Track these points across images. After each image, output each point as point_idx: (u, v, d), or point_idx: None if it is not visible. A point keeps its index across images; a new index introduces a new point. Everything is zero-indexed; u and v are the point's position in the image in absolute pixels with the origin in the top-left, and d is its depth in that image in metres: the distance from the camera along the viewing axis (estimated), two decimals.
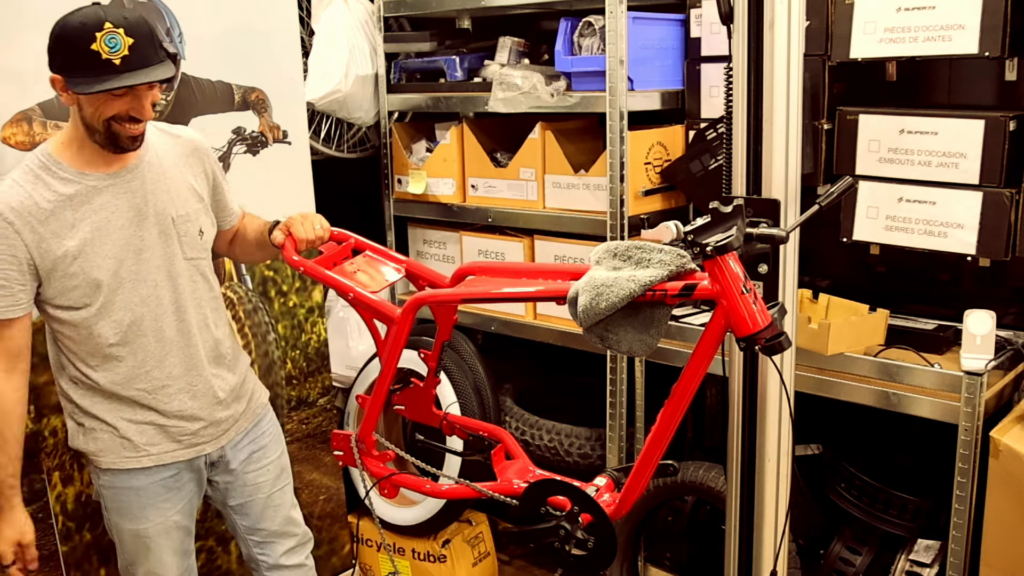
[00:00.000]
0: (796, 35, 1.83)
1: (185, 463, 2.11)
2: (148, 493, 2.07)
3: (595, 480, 1.92)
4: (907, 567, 2.43)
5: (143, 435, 2.04)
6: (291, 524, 2.33)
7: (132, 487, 2.05)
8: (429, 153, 3.22)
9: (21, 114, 2.26)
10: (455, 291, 1.96)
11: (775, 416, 1.97)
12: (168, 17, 2.50)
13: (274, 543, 2.30)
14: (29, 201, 1.86)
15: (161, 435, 2.06)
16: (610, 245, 1.72)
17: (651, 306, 1.65)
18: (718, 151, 2.60)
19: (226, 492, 2.23)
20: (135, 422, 2.03)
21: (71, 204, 1.90)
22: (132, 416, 2.03)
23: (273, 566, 2.31)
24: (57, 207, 1.88)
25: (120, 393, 2.01)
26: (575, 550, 1.81)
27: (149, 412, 2.04)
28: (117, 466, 2.04)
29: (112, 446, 2.03)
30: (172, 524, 2.11)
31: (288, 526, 2.32)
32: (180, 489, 2.12)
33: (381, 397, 2.13)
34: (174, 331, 2.04)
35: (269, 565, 2.31)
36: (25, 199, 1.86)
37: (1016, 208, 2.20)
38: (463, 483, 2.06)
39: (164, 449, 2.06)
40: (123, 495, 2.06)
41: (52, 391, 2.37)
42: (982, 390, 2.15)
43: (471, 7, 3.00)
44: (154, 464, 2.06)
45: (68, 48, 1.77)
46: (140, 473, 2.05)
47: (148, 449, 2.05)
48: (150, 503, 2.07)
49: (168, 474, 2.08)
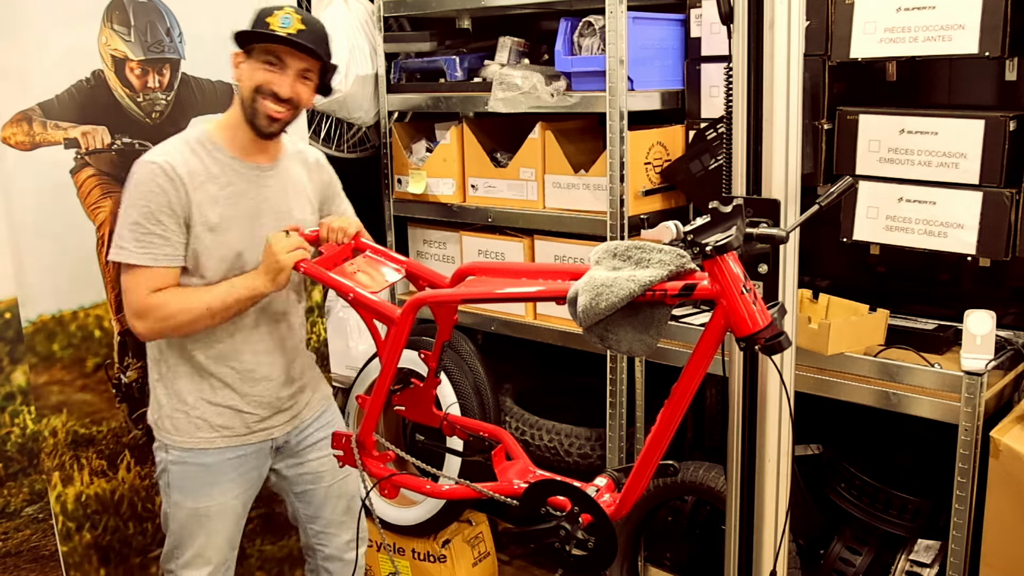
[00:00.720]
0: (796, 35, 1.83)
1: (253, 448, 2.21)
2: (216, 471, 2.16)
3: (595, 480, 1.92)
4: (907, 567, 2.43)
5: (220, 417, 2.16)
6: (350, 516, 2.41)
7: (202, 463, 2.15)
8: (429, 153, 3.22)
9: (21, 114, 2.26)
10: (455, 291, 1.96)
11: (775, 416, 1.97)
12: (168, 17, 2.50)
13: (332, 534, 2.40)
14: (184, 165, 2.03)
15: (237, 419, 2.17)
16: (610, 245, 1.71)
17: (651, 306, 1.64)
18: (718, 151, 2.60)
19: (290, 479, 2.33)
20: (214, 404, 2.15)
21: (218, 182, 2.07)
22: (212, 398, 2.15)
23: (328, 556, 2.41)
24: (207, 181, 2.05)
25: (211, 370, 2.14)
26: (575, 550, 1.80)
27: (231, 395, 2.16)
28: (189, 445, 2.15)
29: (188, 427, 2.15)
30: (231, 507, 2.20)
31: (347, 517, 2.40)
32: (245, 474, 2.22)
33: (381, 397, 2.12)
34: (270, 319, 2.20)
35: (325, 555, 2.41)
36: (182, 163, 2.03)
37: (1016, 208, 2.20)
38: (463, 483, 2.06)
39: (237, 433, 2.18)
40: (191, 471, 2.16)
41: (52, 391, 2.38)
42: (982, 390, 2.15)
43: (471, 7, 3.00)
44: (226, 446, 2.17)
45: (255, 20, 2.00)
46: (210, 451, 2.16)
47: (222, 431, 2.16)
48: (216, 481, 2.17)
49: (236, 455, 2.19)
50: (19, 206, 2.26)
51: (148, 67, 2.47)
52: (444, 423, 2.27)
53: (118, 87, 2.43)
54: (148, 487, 2.60)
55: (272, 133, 2.09)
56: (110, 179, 2.43)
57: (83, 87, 2.37)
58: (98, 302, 2.45)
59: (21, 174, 2.26)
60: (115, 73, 2.42)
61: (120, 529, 2.54)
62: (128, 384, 2.55)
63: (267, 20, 1.98)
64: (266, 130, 2.07)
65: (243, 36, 2.02)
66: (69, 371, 2.42)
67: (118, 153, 2.44)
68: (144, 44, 2.45)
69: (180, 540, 2.19)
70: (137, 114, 2.47)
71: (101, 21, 2.38)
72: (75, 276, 2.39)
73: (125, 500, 2.55)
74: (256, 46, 2.02)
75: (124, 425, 2.54)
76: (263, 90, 2.02)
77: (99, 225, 2.42)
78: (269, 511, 2.83)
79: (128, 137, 2.46)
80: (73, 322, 2.41)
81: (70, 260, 2.37)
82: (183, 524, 2.18)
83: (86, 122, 2.37)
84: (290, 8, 2.00)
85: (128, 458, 2.55)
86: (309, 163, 2.30)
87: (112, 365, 2.51)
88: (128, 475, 2.55)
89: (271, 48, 2.01)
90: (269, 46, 2.00)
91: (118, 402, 2.53)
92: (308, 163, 2.29)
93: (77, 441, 2.44)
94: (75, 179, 2.37)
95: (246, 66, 2.04)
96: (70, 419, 2.42)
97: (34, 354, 2.33)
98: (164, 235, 2.02)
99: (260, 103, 2.03)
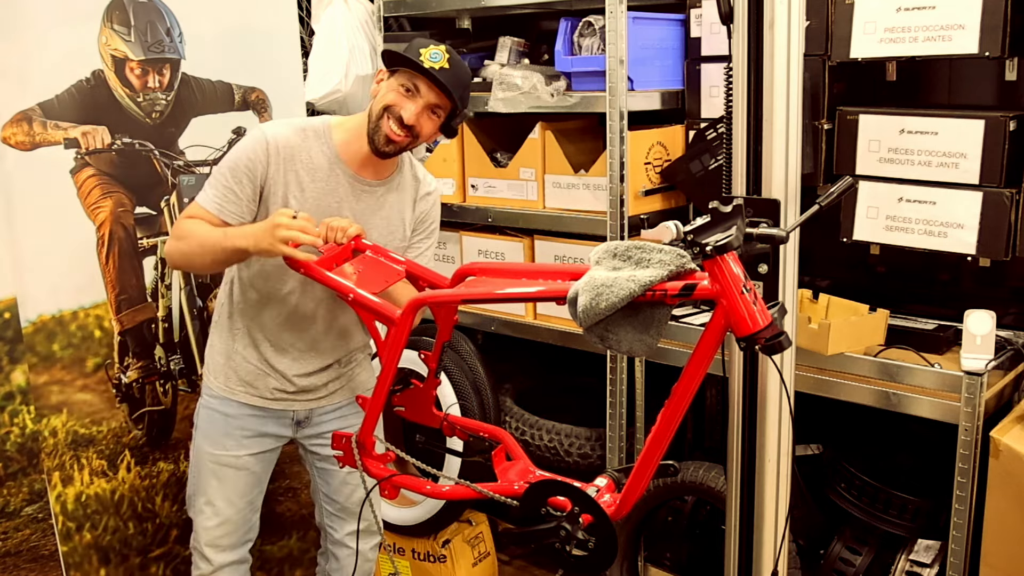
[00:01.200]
0: (796, 35, 1.83)
1: (273, 416, 2.28)
2: (233, 423, 2.26)
3: (596, 481, 1.92)
4: (907, 567, 2.43)
5: (249, 375, 2.25)
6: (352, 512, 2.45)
7: (224, 412, 2.27)
8: (429, 153, 3.22)
9: (21, 114, 2.26)
10: (455, 291, 1.96)
11: (775, 416, 1.97)
12: (168, 17, 2.50)
13: (342, 519, 2.47)
14: (288, 146, 2.11)
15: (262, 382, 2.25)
16: (610, 245, 1.71)
17: (651, 306, 1.64)
18: (718, 151, 2.60)
19: (315, 453, 2.40)
20: (248, 361, 2.25)
21: (315, 175, 2.13)
22: (246, 355, 2.25)
23: (337, 541, 2.49)
24: (303, 169, 2.12)
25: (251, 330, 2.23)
26: (576, 551, 1.80)
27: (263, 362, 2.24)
28: (215, 391, 2.27)
29: (219, 372, 2.27)
30: (243, 464, 2.28)
31: (351, 514, 2.45)
32: (260, 439, 2.29)
33: (381, 398, 2.12)
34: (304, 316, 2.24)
35: (334, 539, 2.49)
36: (287, 142, 2.11)
37: (1016, 208, 2.20)
38: (463, 484, 2.06)
39: (260, 394, 2.26)
40: (215, 417, 2.27)
41: (52, 391, 2.38)
42: (982, 390, 2.15)
43: (471, 7, 3.00)
44: (246, 402, 2.26)
45: (405, 51, 2.06)
46: (234, 403, 2.26)
47: (247, 388, 2.25)
48: (231, 433, 2.26)
49: (255, 414, 2.27)
50: (19, 206, 2.26)
51: (148, 67, 2.47)
52: (444, 423, 2.27)
53: (118, 87, 2.43)
54: (148, 487, 2.60)
55: (387, 153, 2.12)
56: (110, 179, 2.43)
57: (83, 87, 2.37)
58: (98, 302, 2.45)
59: (21, 174, 2.26)
60: (115, 73, 2.42)
61: (120, 529, 2.54)
62: (128, 384, 2.55)
63: (420, 51, 2.04)
64: (382, 149, 2.11)
65: (392, 57, 2.09)
66: (69, 371, 2.42)
67: (118, 153, 2.44)
68: (144, 44, 2.45)
69: (196, 486, 2.31)
70: (137, 114, 2.47)
71: (101, 21, 2.38)
72: (75, 276, 2.39)
73: (125, 500, 2.55)
74: (401, 70, 2.08)
75: (124, 425, 2.54)
76: (391, 111, 2.07)
77: (99, 225, 2.42)
78: (269, 511, 2.83)
79: (128, 137, 2.46)
80: (73, 322, 2.41)
81: (70, 260, 2.37)
82: (200, 469, 2.30)
83: (86, 122, 2.38)
84: (445, 48, 2.06)
85: (128, 458, 2.55)
86: (420, 191, 2.30)
87: (112, 365, 2.51)
88: (128, 475, 2.55)
89: (412, 75, 2.06)
90: (411, 72, 2.06)
91: (118, 402, 2.53)
92: (419, 191, 2.30)
93: (77, 441, 2.44)
94: (75, 179, 2.37)
95: (385, 85, 2.10)
96: (70, 419, 2.42)
97: (34, 354, 2.33)
98: (239, 193, 2.09)
99: (384, 122, 2.08)
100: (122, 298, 2.50)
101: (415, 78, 2.06)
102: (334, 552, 2.50)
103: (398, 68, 2.08)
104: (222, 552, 2.31)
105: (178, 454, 2.64)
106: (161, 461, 2.63)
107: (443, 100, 2.08)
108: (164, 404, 2.63)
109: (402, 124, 2.07)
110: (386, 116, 2.07)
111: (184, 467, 2.61)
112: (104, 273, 2.44)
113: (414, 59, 2.03)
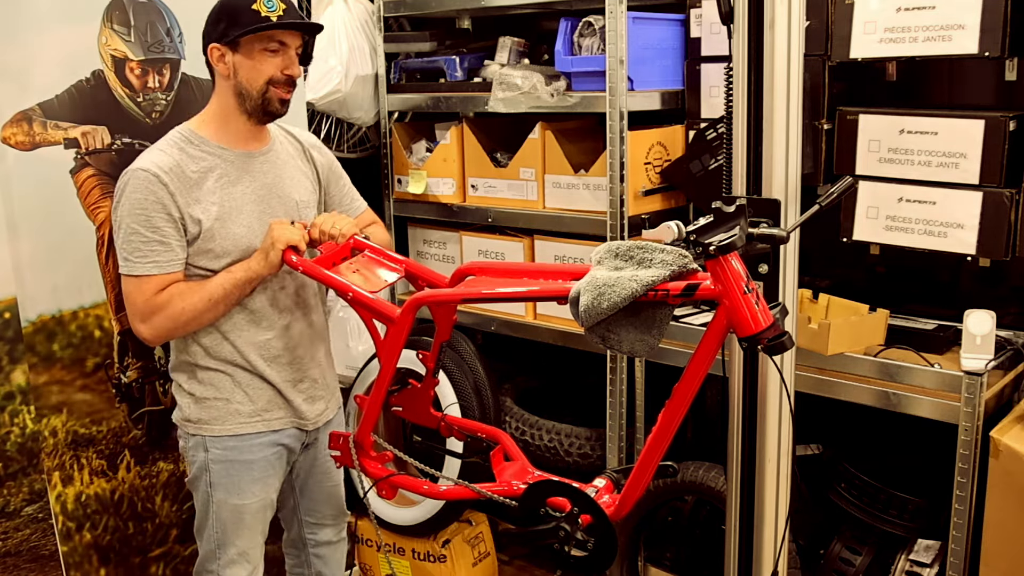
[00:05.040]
0: (796, 35, 1.83)
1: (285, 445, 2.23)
2: (258, 468, 2.18)
3: (595, 481, 1.92)
4: (907, 567, 2.43)
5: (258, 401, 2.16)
6: (342, 512, 2.52)
7: (245, 460, 2.16)
8: (429, 153, 3.22)
9: (21, 114, 2.25)
10: (455, 291, 1.96)
11: (775, 416, 1.97)
12: (168, 17, 2.50)
13: (326, 526, 2.47)
14: (178, 168, 2.02)
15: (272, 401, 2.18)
16: (611, 245, 1.71)
17: (653, 306, 1.64)
18: (718, 151, 2.60)
19: (302, 473, 2.36)
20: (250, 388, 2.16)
21: (212, 175, 2.06)
22: (247, 380, 2.15)
23: (320, 543, 2.48)
24: (200, 176, 2.04)
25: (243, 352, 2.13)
26: (575, 551, 1.80)
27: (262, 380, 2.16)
28: (229, 432, 2.14)
29: (224, 414, 2.15)
30: (268, 502, 2.24)
31: (340, 514, 2.51)
32: (279, 470, 2.25)
33: (380, 398, 2.12)
34: (291, 303, 2.19)
35: (316, 543, 2.48)
36: (174, 165, 2.02)
37: (1016, 208, 2.20)
38: (462, 484, 2.06)
39: (275, 416, 2.19)
40: (234, 468, 2.16)
41: (52, 391, 2.37)
42: (982, 390, 2.15)
43: (471, 7, 3.00)
44: (266, 429, 2.17)
45: (231, 12, 1.97)
46: (254, 446, 2.16)
47: (262, 415, 2.17)
48: (258, 478, 2.18)
49: (272, 452, 2.20)
50: (19, 206, 2.26)
51: (148, 67, 2.47)
52: (442, 424, 2.27)
53: (118, 87, 2.43)
54: (148, 487, 2.60)
55: (279, 114, 2.09)
56: (110, 179, 2.43)
57: (83, 87, 2.36)
58: (98, 302, 2.45)
59: (21, 174, 2.26)
60: (115, 73, 2.42)
61: (120, 529, 2.54)
62: (128, 384, 2.55)
63: (253, 8, 1.95)
64: (278, 113, 2.08)
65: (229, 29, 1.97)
66: (69, 371, 2.42)
67: (118, 153, 2.43)
68: (144, 44, 2.45)
69: (225, 538, 2.19)
70: (137, 114, 2.47)
71: (101, 21, 2.38)
72: (75, 276, 2.39)
73: (125, 500, 2.55)
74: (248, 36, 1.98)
75: (124, 425, 2.54)
76: (277, 79, 2.02)
77: (99, 225, 2.42)
78: None
79: (128, 137, 2.46)
80: (73, 322, 2.41)
81: (70, 260, 2.37)
82: (223, 522, 2.18)
83: (86, 122, 2.37)
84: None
85: (128, 458, 2.55)
86: (303, 145, 2.28)
87: (112, 365, 2.51)
88: (128, 475, 2.55)
89: (271, 35, 1.99)
90: (267, 33, 1.99)
91: (118, 402, 2.53)
92: (302, 145, 2.27)
93: (77, 441, 2.44)
94: (75, 179, 2.37)
95: (240, 59, 2.01)
96: (70, 419, 2.42)
97: (34, 354, 2.33)
98: (164, 240, 2.00)
99: (273, 92, 2.03)
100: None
101: (275, 35, 2.00)
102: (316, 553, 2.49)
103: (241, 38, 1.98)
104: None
105: (178, 454, 2.64)
106: (161, 461, 2.63)
107: (303, 38, 2.06)
108: (164, 404, 2.62)
109: (289, 80, 2.05)
110: (271, 86, 2.03)
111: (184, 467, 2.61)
112: (104, 273, 2.44)
113: (260, 23, 1.95)
